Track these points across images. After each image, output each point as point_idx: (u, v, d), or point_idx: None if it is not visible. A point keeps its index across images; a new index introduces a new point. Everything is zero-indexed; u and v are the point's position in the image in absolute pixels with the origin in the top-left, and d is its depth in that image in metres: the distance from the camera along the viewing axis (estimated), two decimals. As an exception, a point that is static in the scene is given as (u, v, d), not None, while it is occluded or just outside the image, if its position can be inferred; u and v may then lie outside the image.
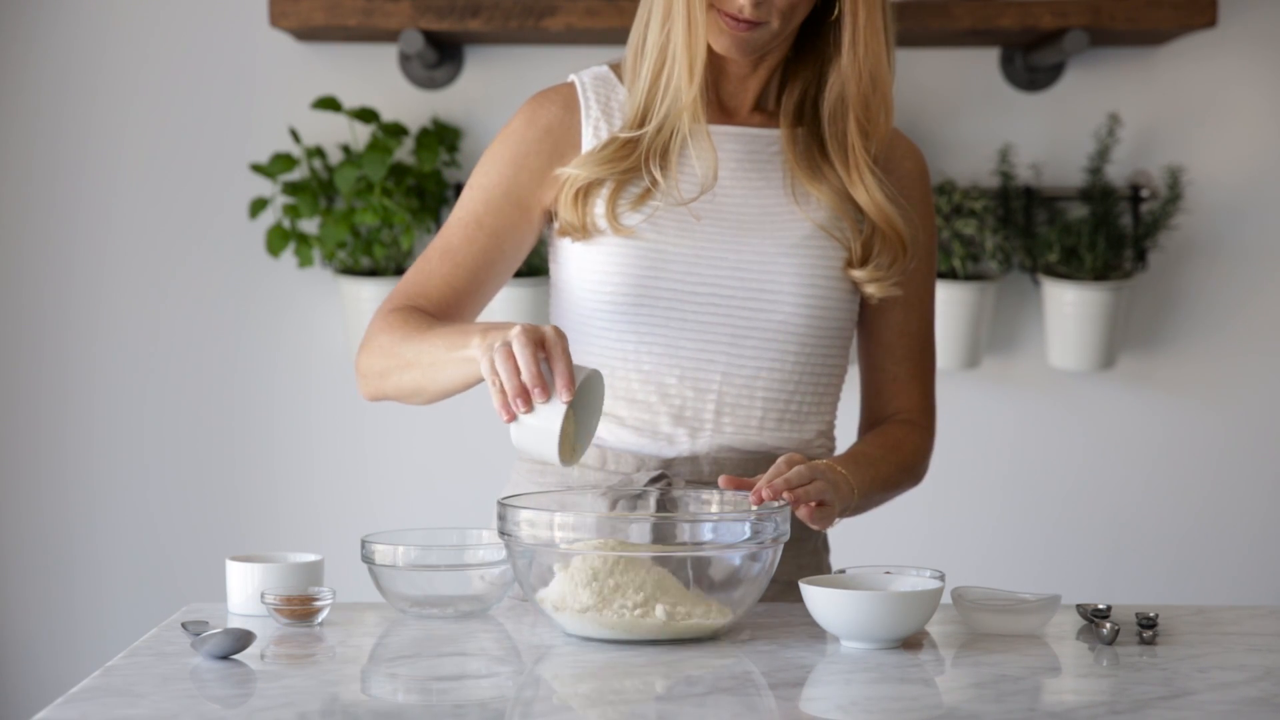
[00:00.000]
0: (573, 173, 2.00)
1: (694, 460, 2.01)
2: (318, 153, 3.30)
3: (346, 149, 3.29)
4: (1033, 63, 3.35)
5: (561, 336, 1.79)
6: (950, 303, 3.27)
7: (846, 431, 2.16)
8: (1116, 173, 3.36)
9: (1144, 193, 3.34)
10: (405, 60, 3.36)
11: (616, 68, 2.07)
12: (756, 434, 2.02)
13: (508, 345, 1.78)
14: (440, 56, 3.33)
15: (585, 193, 2.00)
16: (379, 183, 3.21)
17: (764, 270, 2.00)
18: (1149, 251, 3.35)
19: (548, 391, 1.76)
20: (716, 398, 2.01)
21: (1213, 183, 3.39)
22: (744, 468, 2.01)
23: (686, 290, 1.99)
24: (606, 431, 2.02)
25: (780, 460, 1.87)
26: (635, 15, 2.03)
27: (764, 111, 2.07)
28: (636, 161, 2.00)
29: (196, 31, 3.36)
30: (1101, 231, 3.27)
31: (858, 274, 2.02)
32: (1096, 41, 3.28)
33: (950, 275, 3.30)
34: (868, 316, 2.11)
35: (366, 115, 3.27)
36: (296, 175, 3.33)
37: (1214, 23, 3.18)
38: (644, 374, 2.00)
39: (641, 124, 2.00)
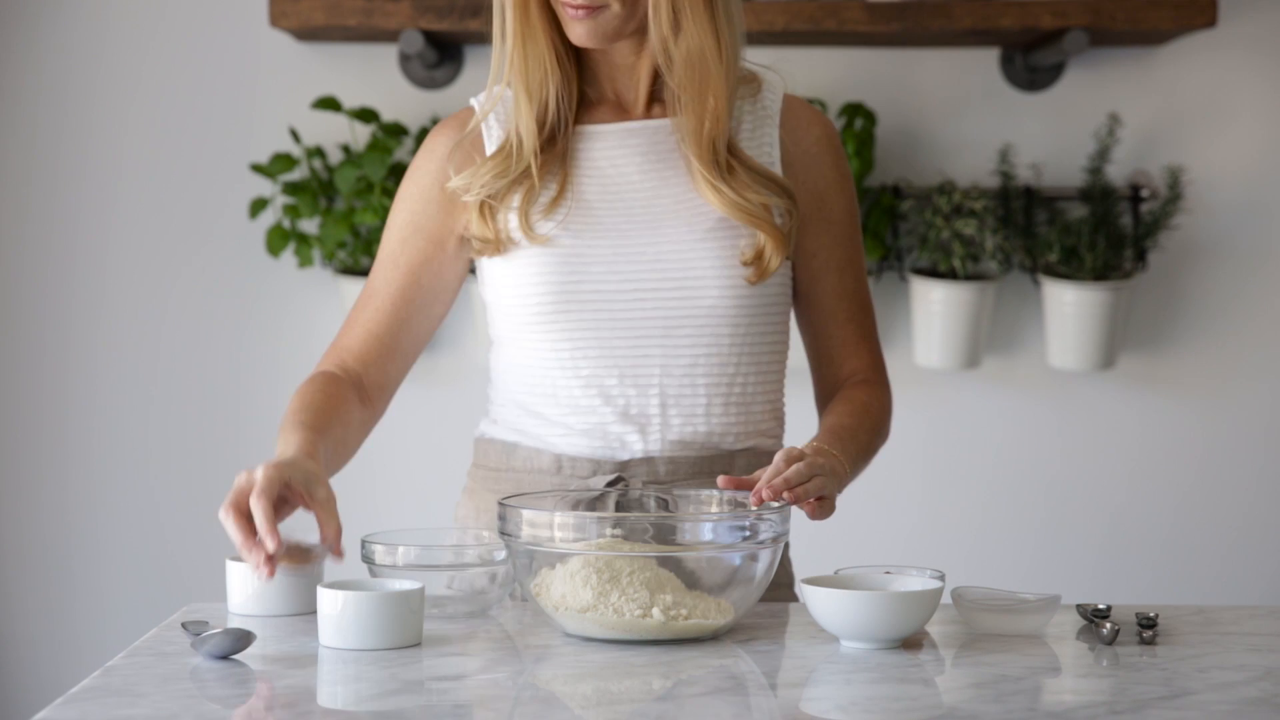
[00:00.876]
0: (460, 184, 2.01)
1: (649, 462, 2.01)
2: (318, 153, 3.30)
3: (346, 149, 3.29)
4: (1033, 63, 3.35)
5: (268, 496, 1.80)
6: (950, 303, 3.27)
7: (796, 409, 2.16)
8: (1116, 173, 3.37)
9: (1144, 193, 3.34)
10: (405, 60, 3.36)
11: None
12: (704, 421, 2.02)
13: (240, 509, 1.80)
14: (440, 56, 3.33)
15: (491, 206, 2.01)
16: (379, 183, 3.21)
17: (683, 259, 2.00)
18: (1149, 251, 3.35)
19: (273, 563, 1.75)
20: (659, 391, 2.01)
21: (1213, 183, 3.39)
22: (698, 467, 2.01)
23: (611, 289, 1.99)
24: (560, 439, 2.02)
25: (778, 457, 1.85)
26: None
27: (661, 102, 2.05)
28: (527, 169, 1.99)
29: (196, 31, 3.37)
30: (1101, 231, 3.27)
31: (757, 263, 2.01)
32: (1096, 41, 3.28)
33: (950, 275, 3.30)
34: (803, 287, 2.10)
35: (366, 115, 3.27)
36: (296, 175, 3.33)
37: (1214, 23, 3.18)
38: (583, 379, 2.00)
39: (529, 130, 2.00)
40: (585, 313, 1.99)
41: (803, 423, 2.17)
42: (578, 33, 1.96)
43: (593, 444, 2.01)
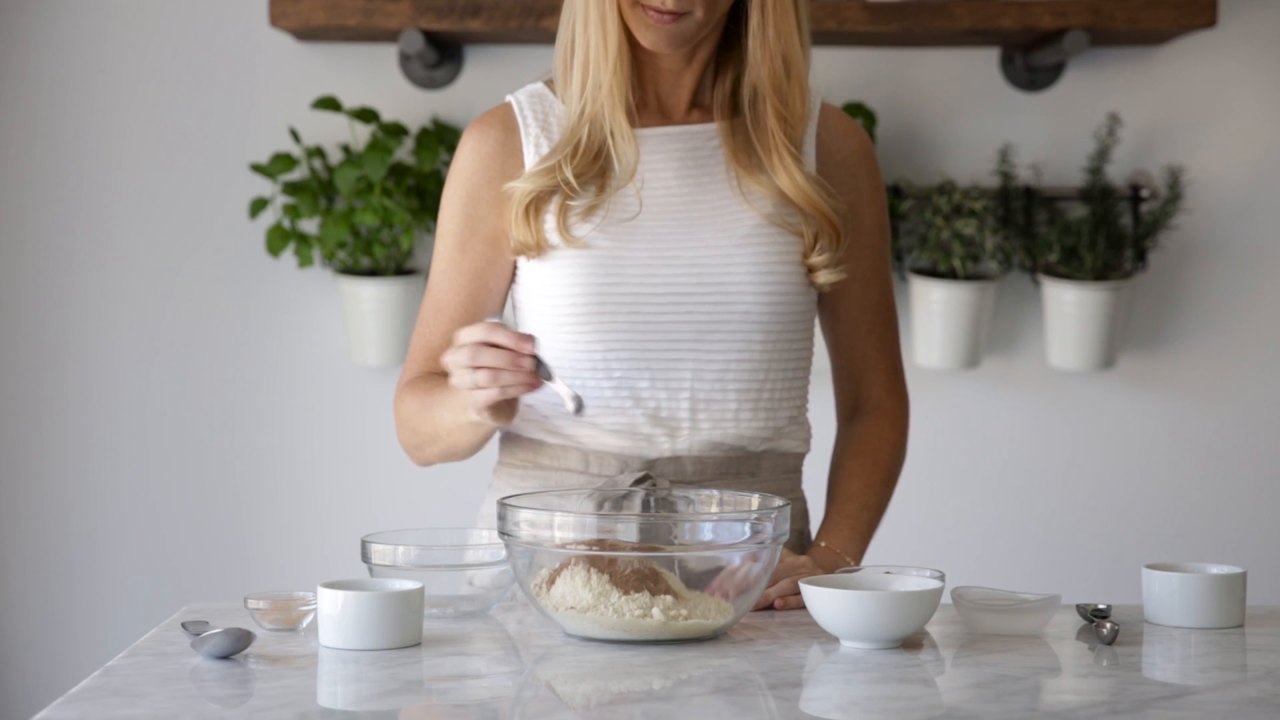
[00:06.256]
0: (518, 186, 2.01)
1: (676, 461, 2.02)
2: (318, 153, 3.30)
3: (346, 149, 3.29)
4: (1033, 63, 3.35)
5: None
6: (950, 303, 3.27)
7: (818, 416, 2.17)
8: (1116, 173, 3.36)
9: (1144, 193, 3.34)
10: (405, 60, 3.36)
11: (552, 84, 2.08)
12: (733, 426, 2.03)
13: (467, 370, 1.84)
14: (440, 56, 3.33)
15: (535, 208, 2.01)
16: (379, 183, 3.21)
17: (719, 264, 2.01)
18: (1149, 251, 3.35)
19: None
20: (689, 395, 2.02)
21: (1213, 183, 3.39)
22: (725, 467, 2.02)
23: (646, 293, 2.00)
24: (587, 436, 2.03)
25: (783, 573, 1.93)
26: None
27: (701, 107, 2.08)
28: (578, 169, 2.00)
29: (196, 31, 3.36)
30: (1101, 231, 3.27)
31: (810, 260, 2.03)
32: (1096, 41, 3.28)
33: (950, 275, 3.30)
34: (829, 297, 2.12)
35: (366, 115, 3.27)
36: (296, 175, 3.33)
37: (1214, 23, 3.18)
38: (615, 381, 2.01)
39: (577, 133, 2.00)
40: (620, 315, 2.00)
41: (823, 426, 2.20)
42: (653, 38, 1.97)
43: (621, 443, 2.02)
